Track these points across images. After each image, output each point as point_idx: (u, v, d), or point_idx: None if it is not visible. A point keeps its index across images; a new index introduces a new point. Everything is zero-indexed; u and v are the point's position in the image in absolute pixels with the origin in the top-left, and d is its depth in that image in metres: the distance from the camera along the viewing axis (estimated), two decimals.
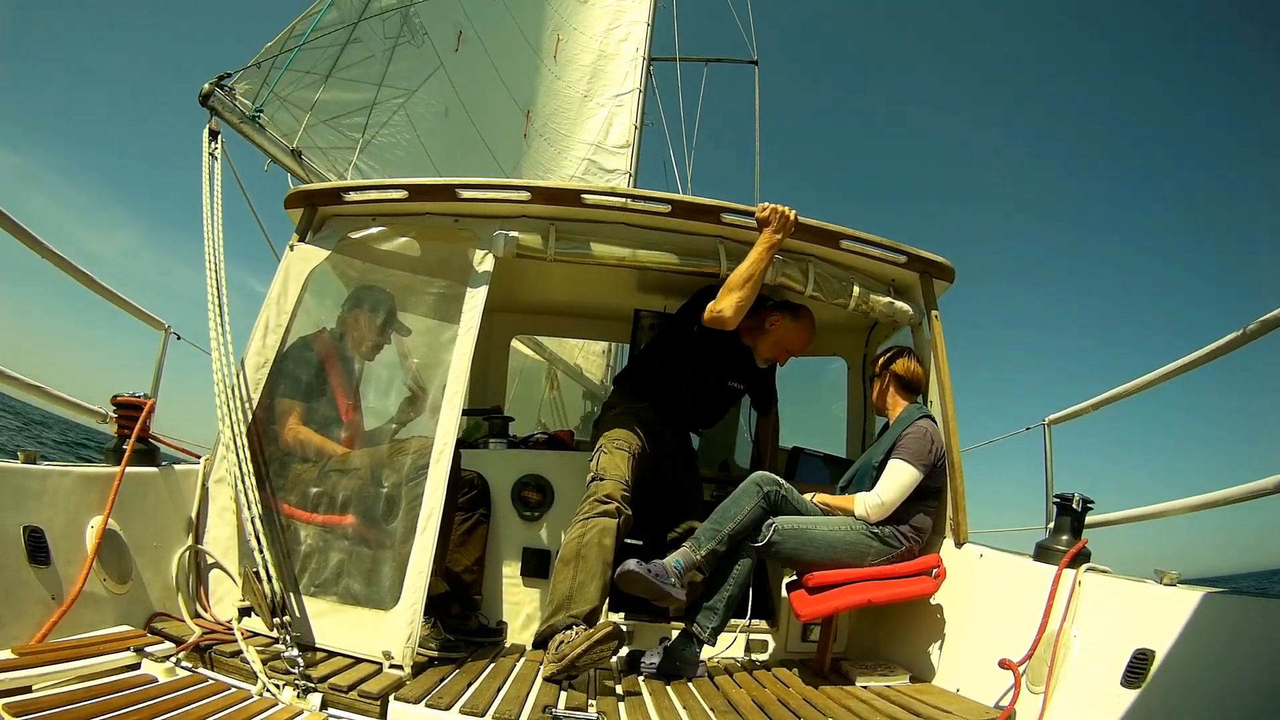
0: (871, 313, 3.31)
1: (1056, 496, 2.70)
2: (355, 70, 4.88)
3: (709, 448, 4.44)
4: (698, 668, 2.82)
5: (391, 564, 2.57)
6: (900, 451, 2.96)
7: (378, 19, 5.04)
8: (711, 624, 2.87)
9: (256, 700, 2.01)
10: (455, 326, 2.86)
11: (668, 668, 2.79)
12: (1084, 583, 2.32)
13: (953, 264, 3.28)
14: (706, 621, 2.87)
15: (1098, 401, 3.06)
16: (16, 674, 1.81)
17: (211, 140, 3.32)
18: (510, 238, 2.95)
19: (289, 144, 4.39)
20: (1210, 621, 1.87)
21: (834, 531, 2.94)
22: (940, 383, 3.16)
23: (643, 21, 9.55)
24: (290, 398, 2.87)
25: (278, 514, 2.68)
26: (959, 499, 3.04)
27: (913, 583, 2.89)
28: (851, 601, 2.83)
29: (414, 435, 2.84)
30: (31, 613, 2.14)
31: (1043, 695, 2.17)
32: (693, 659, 2.84)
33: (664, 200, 3.09)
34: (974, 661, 2.59)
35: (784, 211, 3.00)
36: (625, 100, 8.96)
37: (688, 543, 2.91)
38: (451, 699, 2.19)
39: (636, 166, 8.91)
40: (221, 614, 2.63)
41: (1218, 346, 2.38)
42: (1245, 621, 1.79)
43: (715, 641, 2.92)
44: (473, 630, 3.04)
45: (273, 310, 2.98)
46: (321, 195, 3.22)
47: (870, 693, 2.67)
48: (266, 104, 4.25)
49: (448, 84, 5.76)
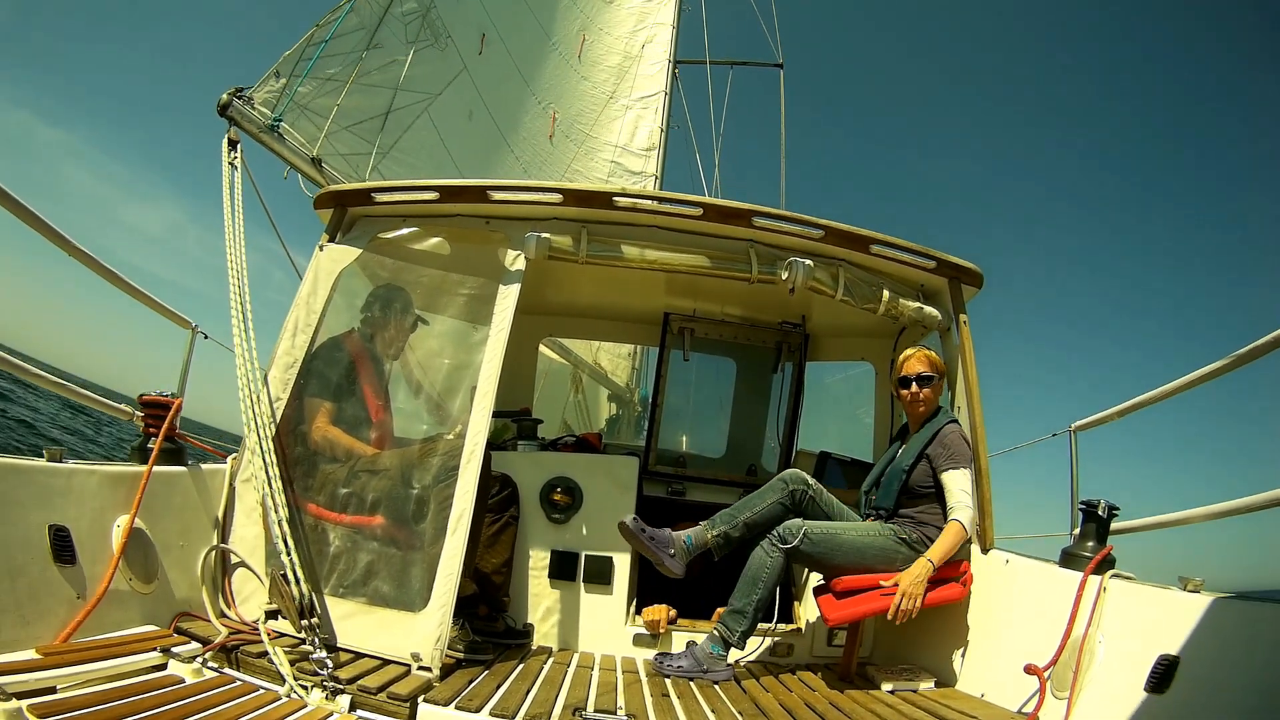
0: (901, 317, 3.31)
1: (1082, 503, 2.68)
2: (376, 75, 4.90)
3: (736, 452, 4.38)
4: (726, 671, 2.80)
5: (421, 565, 2.56)
6: (957, 461, 2.91)
7: (399, 23, 5.06)
8: (740, 628, 2.84)
9: (285, 702, 2.00)
10: (485, 328, 2.86)
11: (694, 669, 2.77)
12: (1109, 589, 2.31)
13: (981, 269, 3.28)
14: (735, 625, 2.85)
15: (1125, 408, 3.01)
16: (41, 674, 1.80)
17: (231, 149, 3.34)
18: (542, 239, 2.96)
19: (309, 152, 4.41)
20: (1234, 628, 1.87)
21: (863, 537, 2.91)
22: (969, 388, 3.15)
23: (668, 24, 9.59)
24: (319, 398, 2.86)
25: (305, 514, 2.68)
26: (985, 505, 3.02)
27: (941, 590, 2.84)
28: (878, 607, 2.78)
29: (443, 436, 2.80)
30: (56, 612, 2.13)
31: (1067, 701, 2.16)
32: (720, 662, 2.82)
33: (695, 203, 3.09)
34: (999, 667, 2.58)
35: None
36: (651, 102, 8.98)
37: (704, 522, 2.93)
38: (481, 701, 2.17)
39: (663, 169, 8.90)
40: (248, 614, 2.62)
41: (1247, 352, 2.33)
42: (1269, 628, 1.78)
43: (744, 645, 2.90)
44: (500, 632, 3.01)
45: (302, 310, 2.98)
46: (352, 196, 3.23)
47: (896, 697, 2.66)
48: (286, 112, 4.26)
49: (471, 86, 5.77)
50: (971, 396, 3.13)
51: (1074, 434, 3.48)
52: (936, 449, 2.94)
